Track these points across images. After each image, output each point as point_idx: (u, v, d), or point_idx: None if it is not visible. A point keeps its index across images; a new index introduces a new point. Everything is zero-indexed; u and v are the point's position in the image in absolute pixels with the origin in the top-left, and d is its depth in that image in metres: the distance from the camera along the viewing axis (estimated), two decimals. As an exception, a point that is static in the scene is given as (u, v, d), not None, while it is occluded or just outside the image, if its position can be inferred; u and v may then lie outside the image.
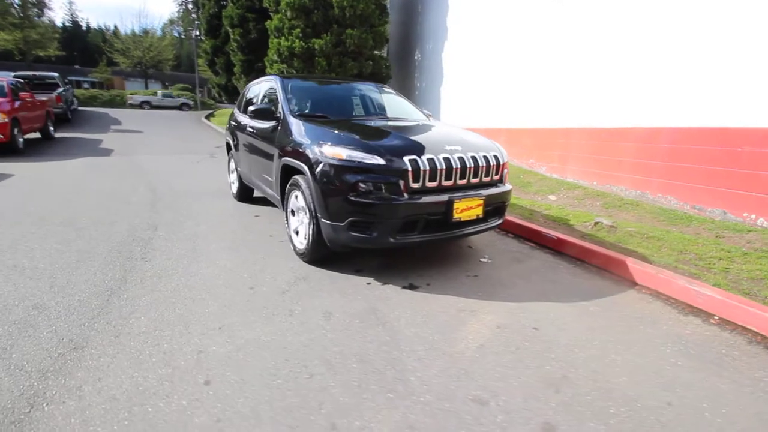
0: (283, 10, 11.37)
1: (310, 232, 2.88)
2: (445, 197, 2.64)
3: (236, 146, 4.86)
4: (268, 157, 3.62)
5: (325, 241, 2.81)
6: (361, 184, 2.54)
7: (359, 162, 2.56)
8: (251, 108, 3.50)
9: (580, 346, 2.05)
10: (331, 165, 2.63)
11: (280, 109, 3.51)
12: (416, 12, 12.92)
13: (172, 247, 3.42)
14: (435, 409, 1.59)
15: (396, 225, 2.59)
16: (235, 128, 4.89)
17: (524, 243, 3.72)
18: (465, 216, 2.73)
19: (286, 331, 2.14)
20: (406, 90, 12.94)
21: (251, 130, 4.10)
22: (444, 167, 2.65)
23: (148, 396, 1.63)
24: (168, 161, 8.98)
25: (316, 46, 11.03)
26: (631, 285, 2.78)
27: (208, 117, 21.06)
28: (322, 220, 2.73)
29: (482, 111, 8.26)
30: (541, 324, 2.25)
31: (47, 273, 2.82)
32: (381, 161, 2.55)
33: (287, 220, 3.33)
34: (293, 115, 3.38)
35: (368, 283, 2.76)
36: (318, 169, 2.69)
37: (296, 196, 3.12)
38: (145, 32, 38.77)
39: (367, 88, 4.28)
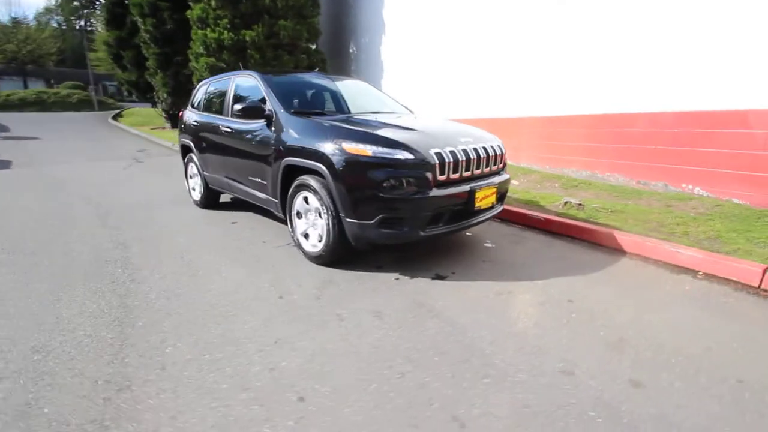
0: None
1: (330, 233, 2.79)
2: (467, 187, 2.74)
3: (201, 149, 4.47)
4: (258, 158, 3.40)
5: (350, 240, 2.75)
6: (391, 180, 2.53)
7: (387, 158, 2.55)
8: (238, 107, 3.25)
9: (615, 311, 2.30)
10: (356, 162, 2.57)
11: (269, 107, 3.31)
12: (347, 5, 12.79)
13: (159, 264, 3.08)
14: (535, 385, 1.69)
15: (426, 218, 2.63)
16: (197, 129, 4.49)
17: (513, 226, 3.99)
18: (483, 204, 2.86)
19: (347, 335, 2.09)
20: (344, 83, 12.73)
21: (228, 130, 3.80)
22: (464, 159, 2.74)
23: (247, 425, 1.50)
24: (88, 170, 7.95)
25: (247, 38, 10.44)
26: (622, 254, 3.16)
27: (115, 117, 18.82)
28: (348, 219, 2.67)
29: (432, 102, 8.52)
30: (573, 296, 2.47)
31: (23, 310, 2.38)
32: (409, 156, 2.56)
33: (291, 224, 3.18)
34: (288, 113, 3.22)
35: (396, 279, 2.77)
36: (341, 168, 2.61)
37: (304, 198, 2.99)
38: (16, 22, 33.07)
39: (351, 83, 4.21)
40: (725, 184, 4.01)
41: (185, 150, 4.99)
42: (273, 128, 3.24)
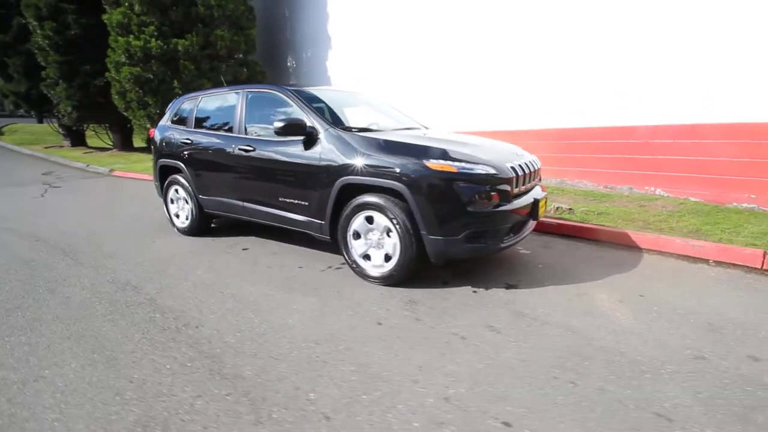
0: (126, 3, 9.44)
1: (406, 251, 2.72)
2: (531, 198, 2.91)
3: (196, 170, 4.00)
4: (298, 178, 3.18)
5: (431, 257, 2.72)
6: (478, 195, 2.58)
7: (473, 173, 2.59)
8: (279, 124, 3.01)
9: (684, 301, 2.61)
10: (443, 180, 2.57)
11: (309, 124, 3.12)
12: (282, 17, 12.47)
13: (201, 304, 2.71)
14: (686, 373, 1.87)
15: (506, 230, 2.72)
16: (190, 149, 4.02)
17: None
18: (541, 213, 3.05)
19: (484, 353, 2.07)
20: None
21: (247, 148, 3.48)
22: (528, 172, 2.91)
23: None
24: None
25: (180, 47, 9.61)
26: (640, 250, 3.60)
27: (-9, 135, 15.68)
28: (431, 236, 2.64)
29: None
30: (640, 291, 2.76)
31: (82, 387, 1.92)
32: (492, 170, 2.63)
33: (346, 245, 3.02)
34: (335, 129, 3.08)
35: (474, 292, 2.81)
36: (426, 186, 2.59)
37: (367, 218, 2.89)
38: None
39: (370, 96, 4.14)
40: (682, 185, 4.80)
41: (165, 172, 4.41)
42: (318, 146, 3.07)
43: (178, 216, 4.44)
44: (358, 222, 2.94)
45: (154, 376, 1.93)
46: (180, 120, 4.31)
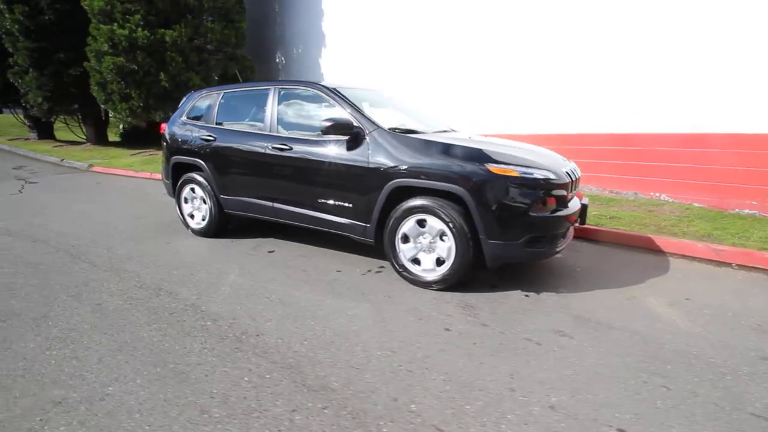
0: (110, -11, 8.92)
1: (463, 255, 2.69)
2: (579, 204, 2.96)
3: (219, 169, 3.81)
4: (342, 179, 3.09)
5: (488, 261, 2.71)
6: (540, 200, 2.59)
7: (535, 178, 2.60)
8: (327, 123, 2.91)
9: (728, 304, 2.71)
10: (506, 184, 2.56)
11: (357, 124, 3.04)
12: (272, 11, 12.17)
13: (251, 310, 2.59)
14: (762, 374, 1.94)
15: (561, 235, 2.75)
16: (213, 146, 3.82)
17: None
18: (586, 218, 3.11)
19: (566, 359, 2.07)
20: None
21: (282, 147, 3.34)
22: (576, 178, 2.96)
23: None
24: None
25: (167, 39, 9.18)
26: (665, 254, 3.74)
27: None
28: (490, 241, 2.63)
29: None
30: (683, 294, 2.85)
31: (188, 408, 1.78)
32: (551, 175, 2.65)
33: (394, 249, 2.96)
34: (386, 130, 3.01)
35: (527, 296, 2.81)
36: (489, 190, 2.57)
37: (418, 221, 2.84)
38: None
39: (403, 97, 4.08)
40: (686, 191, 5.04)
41: (179, 170, 4.18)
42: (366, 147, 2.99)
43: (192, 216, 4.22)
44: (408, 225, 2.88)
45: (235, 390, 1.81)
46: (198, 116, 4.10)
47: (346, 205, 3.13)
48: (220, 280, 3.08)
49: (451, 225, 2.69)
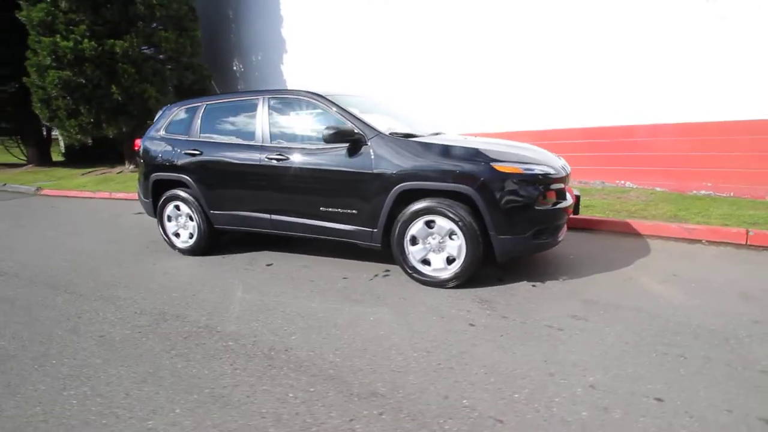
0: (50, -1, 8.30)
1: (473, 252, 2.78)
2: (573, 196, 3.15)
3: (208, 183, 3.68)
4: (347, 186, 3.10)
5: (498, 256, 2.82)
6: (543, 194, 2.73)
7: (537, 174, 2.75)
8: (329, 132, 2.90)
9: (711, 276, 2.98)
10: (512, 181, 2.68)
11: (357, 130, 3.05)
12: (226, 18, 11.82)
13: (272, 328, 2.53)
14: (759, 336, 2.17)
15: (561, 226, 2.92)
16: (199, 160, 3.68)
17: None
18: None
19: (590, 341, 2.20)
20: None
21: (278, 158, 3.28)
22: (568, 172, 3.14)
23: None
24: None
25: (117, 49, 8.70)
26: (642, 236, 4.04)
27: None
28: (500, 236, 2.74)
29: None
30: (671, 271, 3.11)
31: None
32: (551, 170, 2.81)
33: (403, 252, 3.00)
34: (387, 135, 3.05)
35: (534, 286, 2.94)
36: (496, 187, 2.68)
37: (426, 222, 2.90)
38: None
39: (382, 99, 4.14)
40: (648, 178, 5.47)
41: (161, 187, 3.98)
42: (368, 152, 3.01)
43: (178, 235, 4.03)
44: (417, 227, 2.94)
45: (285, 408, 1.77)
46: (178, 130, 3.93)
47: (351, 211, 3.14)
48: (226, 298, 2.98)
49: (460, 224, 2.78)
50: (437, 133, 3.75)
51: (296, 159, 3.27)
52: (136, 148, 4.20)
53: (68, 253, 4.23)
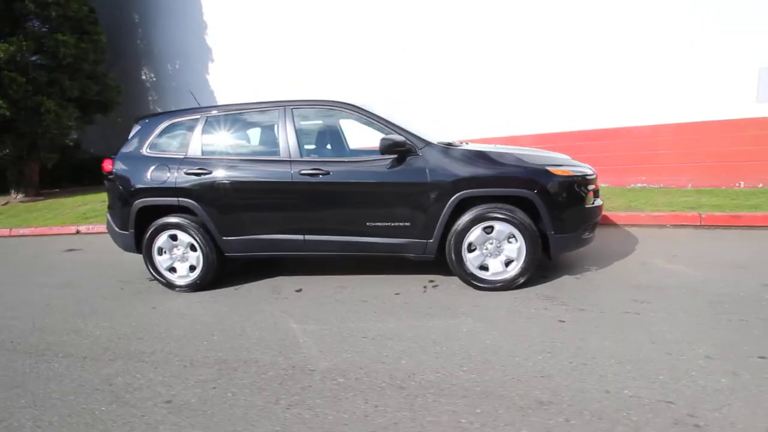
0: None
1: (532, 253, 2.92)
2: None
3: (220, 207, 3.24)
4: (399, 199, 3.03)
5: (553, 253, 2.99)
6: (588, 194, 2.99)
7: (584, 175, 2.99)
8: (384, 143, 2.78)
9: (702, 253, 3.57)
10: (567, 183, 2.89)
11: (408, 140, 2.98)
12: (130, 23, 10.50)
13: (353, 359, 2.34)
14: (780, 296, 2.68)
15: (599, 222, 3.21)
16: (207, 182, 3.21)
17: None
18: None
19: (662, 319, 2.46)
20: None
21: (312, 173, 3.03)
22: (593, 172, 3.50)
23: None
24: None
25: (1, 54, 7.17)
26: (618, 226, 4.63)
27: None
28: (557, 235, 2.91)
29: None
30: (670, 252, 3.62)
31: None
32: (590, 171, 3.08)
33: (461, 260, 3.01)
34: (437, 144, 3.05)
35: (577, 278, 3.19)
36: (555, 190, 2.86)
37: (485, 229, 2.96)
38: None
39: (383, 109, 4.06)
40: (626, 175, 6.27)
41: (147, 215, 3.36)
42: (420, 163, 2.96)
43: (174, 270, 3.44)
44: (475, 234, 2.97)
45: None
46: (169, 146, 3.37)
47: (403, 224, 3.04)
48: (282, 332, 2.65)
49: (521, 227, 2.90)
50: (451, 143, 3.85)
51: (335, 173, 3.06)
52: (106, 171, 3.48)
53: (21, 307, 3.34)
